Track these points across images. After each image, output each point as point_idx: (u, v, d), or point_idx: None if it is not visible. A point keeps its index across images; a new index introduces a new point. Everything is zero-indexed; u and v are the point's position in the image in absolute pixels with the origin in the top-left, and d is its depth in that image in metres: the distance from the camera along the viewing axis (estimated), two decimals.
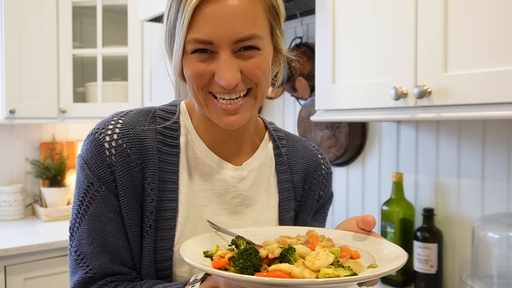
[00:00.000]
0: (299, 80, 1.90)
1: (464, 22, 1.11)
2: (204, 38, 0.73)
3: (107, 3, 2.47)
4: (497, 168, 1.40)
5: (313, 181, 0.96)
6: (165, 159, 0.82)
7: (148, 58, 2.39)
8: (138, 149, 0.80)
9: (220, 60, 0.74)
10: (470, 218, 1.46)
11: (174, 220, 0.81)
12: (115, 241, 0.80)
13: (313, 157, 0.97)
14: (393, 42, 1.27)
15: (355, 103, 1.38)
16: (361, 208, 1.82)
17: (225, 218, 0.86)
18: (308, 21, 1.94)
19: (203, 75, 0.76)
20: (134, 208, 0.80)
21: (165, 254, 0.81)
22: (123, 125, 0.81)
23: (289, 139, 0.97)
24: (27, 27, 2.38)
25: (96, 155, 0.80)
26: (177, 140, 0.84)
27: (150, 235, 0.80)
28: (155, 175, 0.81)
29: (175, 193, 0.82)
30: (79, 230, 0.80)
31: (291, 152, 0.95)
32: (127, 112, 0.85)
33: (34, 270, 2.08)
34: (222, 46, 0.73)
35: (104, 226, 0.79)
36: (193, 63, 0.75)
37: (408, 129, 1.65)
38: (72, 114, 2.49)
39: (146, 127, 0.83)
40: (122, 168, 0.79)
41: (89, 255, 0.79)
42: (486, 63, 1.06)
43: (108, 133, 0.80)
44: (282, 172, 0.92)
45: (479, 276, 1.33)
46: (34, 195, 2.72)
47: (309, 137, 1.94)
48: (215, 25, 0.72)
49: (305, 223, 0.96)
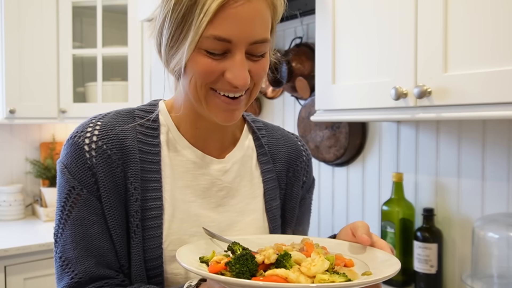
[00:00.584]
0: (299, 80, 1.90)
1: (464, 23, 1.11)
2: (225, 36, 0.73)
3: (107, 3, 2.48)
4: (497, 168, 1.40)
5: (296, 168, 0.98)
6: (147, 158, 0.83)
7: (148, 58, 2.39)
8: (119, 150, 0.80)
9: (236, 60, 0.74)
10: (470, 218, 1.46)
11: (160, 218, 0.81)
12: (100, 244, 0.79)
13: (293, 145, 0.99)
14: (393, 42, 1.27)
15: (355, 103, 1.38)
16: (361, 208, 1.82)
17: (212, 212, 0.86)
18: (308, 21, 1.94)
19: (213, 73, 0.75)
20: (118, 209, 0.80)
21: (155, 253, 0.81)
22: (102, 126, 0.81)
23: (268, 129, 0.99)
24: (27, 27, 2.38)
25: (76, 159, 0.79)
26: (157, 138, 0.85)
27: (137, 235, 0.80)
28: (137, 174, 0.81)
29: (159, 191, 0.82)
30: (63, 236, 0.80)
31: (271, 141, 0.97)
32: (105, 114, 0.85)
33: (34, 270, 2.08)
34: (239, 46, 0.74)
35: (88, 230, 0.79)
36: (204, 59, 0.75)
37: (408, 129, 1.65)
38: (72, 114, 2.49)
39: (125, 127, 0.83)
40: (103, 169, 0.79)
41: (74, 260, 0.78)
42: (486, 63, 1.06)
43: (87, 135, 0.80)
44: (264, 163, 0.94)
45: (479, 276, 1.33)
46: (34, 195, 2.72)
47: (309, 137, 1.94)
48: (237, 24, 0.73)
49: (293, 210, 0.97)
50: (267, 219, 0.92)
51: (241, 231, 0.88)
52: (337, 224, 1.92)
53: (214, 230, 0.84)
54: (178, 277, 0.83)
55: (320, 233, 1.99)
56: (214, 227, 0.85)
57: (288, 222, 0.97)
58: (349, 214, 1.86)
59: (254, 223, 0.90)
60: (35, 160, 2.62)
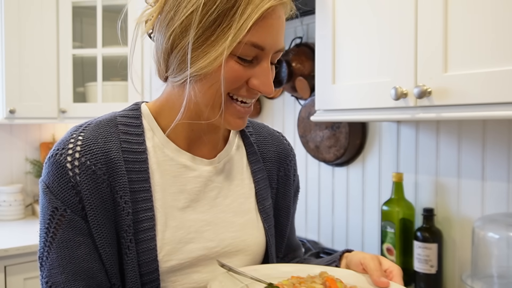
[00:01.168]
0: (299, 80, 1.90)
1: (464, 23, 1.11)
2: (261, 44, 0.74)
3: (107, 3, 2.47)
4: (497, 168, 1.40)
5: (286, 167, 0.98)
6: (133, 168, 0.79)
7: (148, 58, 2.39)
8: (104, 164, 0.76)
9: (264, 67, 0.76)
10: (470, 218, 1.46)
11: (153, 230, 0.78)
12: (88, 265, 0.75)
13: (281, 144, 0.99)
14: (393, 42, 1.27)
15: (355, 103, 1.38)
16: (361, 208, 1.82)
17: (207, 214, 0.85)
18: (308, 21, 1.94)
19: (241, 79, 0.76)
20: (106, 226, 0.76)
21: (150, 266, 0.77)
22: (84, 141, 0.77)
23: (255, 127, 0.98)
24: (27, 27, 2.38)
25: (58, 178, 0.75)
26: (143, 145, 0.81)
27: (131, 250, 0.76)
28: (125, 187, 0.77)
29: (149, 202, 0.79)
30: (49, 260, 0.76)
31: (259, 139, 0.96)
32: (86, 126, 0.80)
33: (34, 270, 2.08)
34: (269, 54, 0.76)
35: (75, 252, 0.75)
36: (236, 65, 0.75)
37: (408, 129, 1.65)
38: (72, 114, 2.49)
39: (108, 138, 0.79)
40: (88, 187, 0.74)
41: (62, 284, 0.74)
42: (486, 63, 1.06)
43: (69, 152, 0.75)
44: (255, 162, 0.93)
45: (479, 276, 1.33)
46: (34, 195, 2.72)
47: (309, 137, 1.94)
48: (272, 33, 0.75)
49: (288, 209, 0.98)
50: (261, 219, 0.91)
51: (238, 233, 0.87)
52: (337, 224, 1.92)
53: (211, 234, 0.83)
54: (176, 283, 0.80)
55: (320, 233, 1.99)
56: (211, 231, 0.84)
57: (283, 222, 0.97)
58: (349, 214, 1.86)
59: (249, 223, 0.89)
60: (35, 160, 2.62)
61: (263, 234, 0.91)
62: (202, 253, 0.82)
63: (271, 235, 0.92)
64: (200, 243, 0.82)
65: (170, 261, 0.79)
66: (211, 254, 0.83)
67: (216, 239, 0.84)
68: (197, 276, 0.82)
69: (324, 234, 1.97)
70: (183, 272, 0.81)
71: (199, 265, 0.82)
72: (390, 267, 0.79)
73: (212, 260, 0.83)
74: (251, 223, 0.89)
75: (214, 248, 0.84)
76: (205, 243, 0.83)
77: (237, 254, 0.86)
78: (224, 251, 0.85)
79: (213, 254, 0.83)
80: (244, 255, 0.87)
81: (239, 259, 0.86)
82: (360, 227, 1.83)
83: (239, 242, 0.87)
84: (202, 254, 0.82)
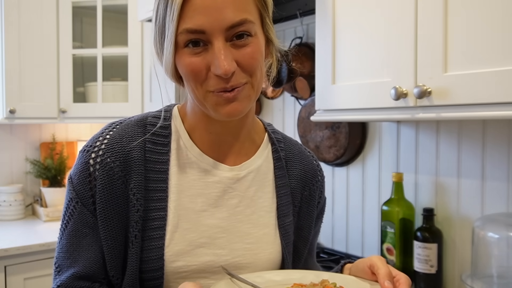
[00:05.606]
0: (299, 80, 1.90)
1: (464, 23, 1.11)
2: (196, 27, 0.71)
3: (107, 3, 2.47)
4: (497, 168, 1.40)
5: (312, 188, 0.95)
6: (153, 168, 0.81)
7: (148, 58, 2.39)
8: (123, 162, 0.80)
9: (215, 49, 0.72)
10: (470, 218, 1.46)
11: (163, 229, 0.80)
12: (88, 255, 0.80)
13: (309, 164, 0.96)
14: (393, 42, 1.27)
15: (355, 103, 1.38)
16: (361, 208, 1.82)
17: (225, 222, 0.84)
18: (308, 21, 1.94)
19: (200, 71, 0.74)
20: (114, 220, 0.79)
21: (155, 264, 0.79)
22: (110, 139, 0.81)
23: (287, 142, 0.96)
24: (27, 27, 2.38)
25: (80, 171, 0.80)
26: (167, 147, 0.83)
27: (135, 245, 0.79)
28: (140, 185, 0.80)
29: (163, 202, 0.81)
30: (60, 244, 0.82)
31: (288, 156, 0.94)
32: (117, 125, 0.84)
33: (34, 270, 2.08)
34: (214, 34, 0.72)
35: (80, 241, 0.80)
36: (187, 57, 0.74)
37: (408, 129, 1.65)
38: (72, 114, 2.49)
39: (133, 137, 0.82)
40: (102, 182, 0.79)
41: (65, 268, 0.80)
42: (486, 63, 1.06)
43: (95, 150, 0.81)
44: (280, 177, 0.91)
45: (479, 276, 1.33)
46: (34, 195, 2.72)
47: (309, 137, 1.94)
48: (206, 13, 0.71)
49: (309, 228, 0.95)
50: (279, 235, 0.89)
51: (252, 245, 0.85)
52: (337, 224, 1.92)
53: (224, 242, 0.83)
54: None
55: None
56: (224, 239, 0.83)
57: (303, 241, 0.95)
58: (349, 214, 1.86)
59: (266, 237, 0.87)
60: (35, 160, 2.61)
61: (278, 251, 0.88)
62: (210, 259, 0.82)
63: (288, 252, 0.90)
64: (211, 249, 0.82)
65: (177, 262, 0.79)
66: (220, 262, 0.82)
67: (227, 248, 0.83)
68: (204, 282, 0.81)
69: (324, 234, 1.97)
70: (190, 276, 0.81)
71: (207, 271, 0.82)
72: (397, 275, 0.76)
73: (221, 268, 0.82)
74: (268, 237, 0.87)
75: (224, 256, 0.83)
76: (216, 250, 0.82)
77: (247, 266, 0.84)
78: (234, 261, 0.83)
79: (223, 262, 0.82)
80: (253, 270, 0.84)
81: (248, 273, 0.84)
82: (360, 227, 1.83)
83: (251, 255, 0.85)
84: (211, 260, 0.82)
